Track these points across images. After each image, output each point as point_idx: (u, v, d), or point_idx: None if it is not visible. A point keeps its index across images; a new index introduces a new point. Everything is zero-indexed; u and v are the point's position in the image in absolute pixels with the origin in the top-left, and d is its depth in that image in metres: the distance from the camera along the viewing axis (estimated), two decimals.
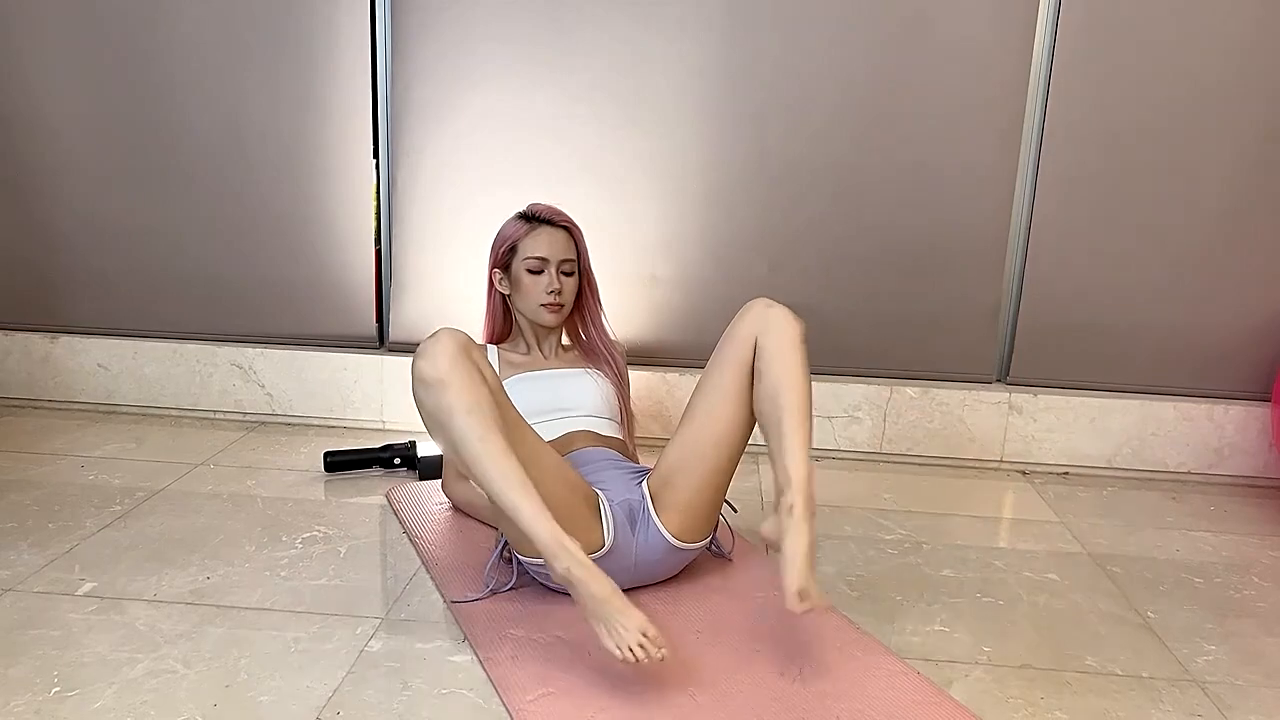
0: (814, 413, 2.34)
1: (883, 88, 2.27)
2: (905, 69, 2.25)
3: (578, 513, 1.49)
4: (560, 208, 1.91)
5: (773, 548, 1.43)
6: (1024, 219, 2.31)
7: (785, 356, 1.51)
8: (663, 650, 1.28)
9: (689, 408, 1.62)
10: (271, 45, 2.33)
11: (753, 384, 1.55)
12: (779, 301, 1.58)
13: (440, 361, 1.39)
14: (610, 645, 1.29)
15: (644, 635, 1.28)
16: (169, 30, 2.33)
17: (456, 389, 1.38)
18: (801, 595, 1.34)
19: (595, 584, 1.31)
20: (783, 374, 1.50)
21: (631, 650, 1.27)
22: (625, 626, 1.29)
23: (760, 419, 1.53)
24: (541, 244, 1.85)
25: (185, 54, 2.34)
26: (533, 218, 1.89)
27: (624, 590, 1.57)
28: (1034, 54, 2.23)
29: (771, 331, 1.53)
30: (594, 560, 1.48)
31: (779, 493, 1.44)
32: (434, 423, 1.41)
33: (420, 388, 1.40)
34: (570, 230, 1.90)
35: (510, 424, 1.45)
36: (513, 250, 1.87)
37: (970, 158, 2.28)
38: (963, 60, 2.24)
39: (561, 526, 1.47)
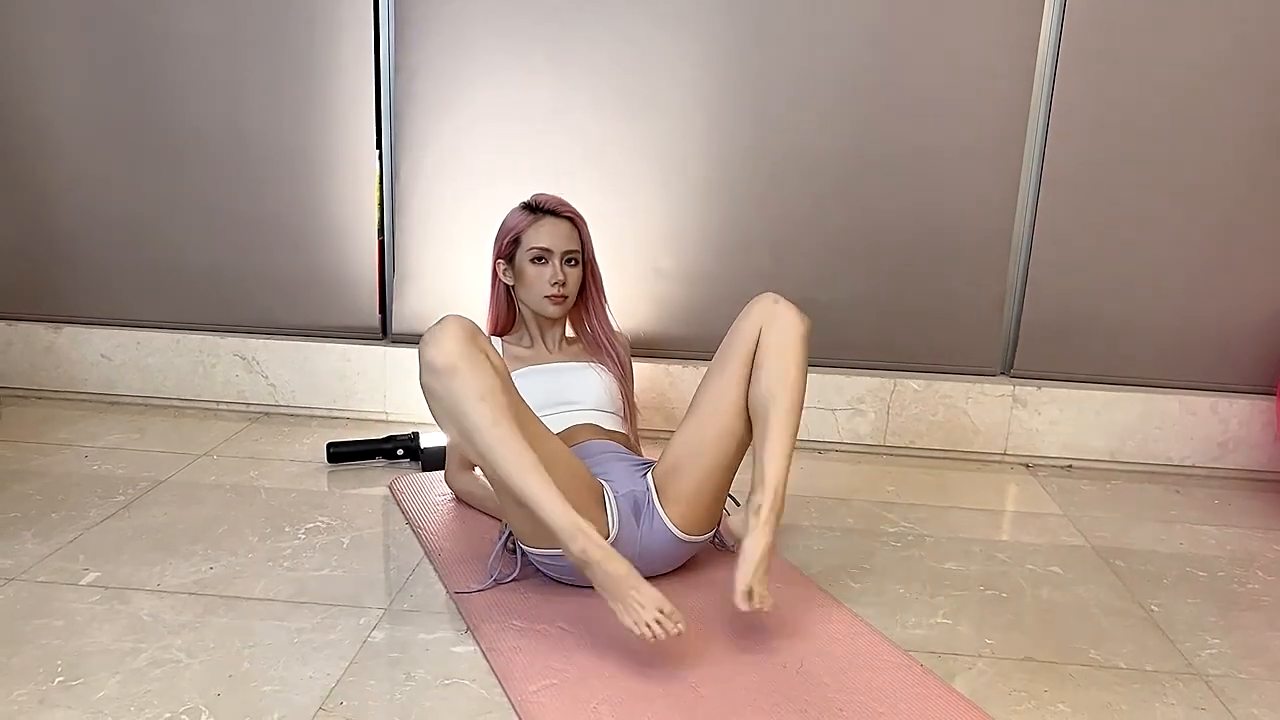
0: (817, 405, 2.35)
1: (887, 80, 2.26)
2: (910, 61, 2.24)
3: (583, 503, 1.49)
4: (565, 198, 1.91)
5: (735, 543, 1.45)
6: (1029, 212, 2.30)
7: (784, 353, 1.51)
8: (680, 625, 1.30)
9: (695, 400, 1.62)
10: (274, 38, 2.32)
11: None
12: (784, 295, 1.58)
13: (449, 347, 1.38)
14: (629, 623, 1.31)
15: (660, 611, 1.30)
16: (172, 23, 2.33)
17: (466, 375, 1.37)
18: (748, 595, 1.38)
19: (612, 564, 1.33)
20: (779, 371, 1.50)
21: (649, 626, 1.29)
22: (642, 604, 1.31)
23: (751, 412, 1.54)
24: (545, 235, 1.85)
25: (188, 46, 2.34)
26: (537, 208, 1.88)
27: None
28: (1039, 47, 2.22)
29: (775, 327, 1.53)
30: None
31: (752, 490, 1.46)
32: (443, 410, 1.40)
33: (429, 375, 1.39)
34: (574, 221, 1.89)
35: (517, 412, 1.44)
36: (516, 241, 1.87)
37: (975, 150, 2.27)
38: (967, 52, 2.23)
39: None
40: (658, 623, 1.30)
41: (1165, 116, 2.23)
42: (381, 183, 2.40)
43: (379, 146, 2.38)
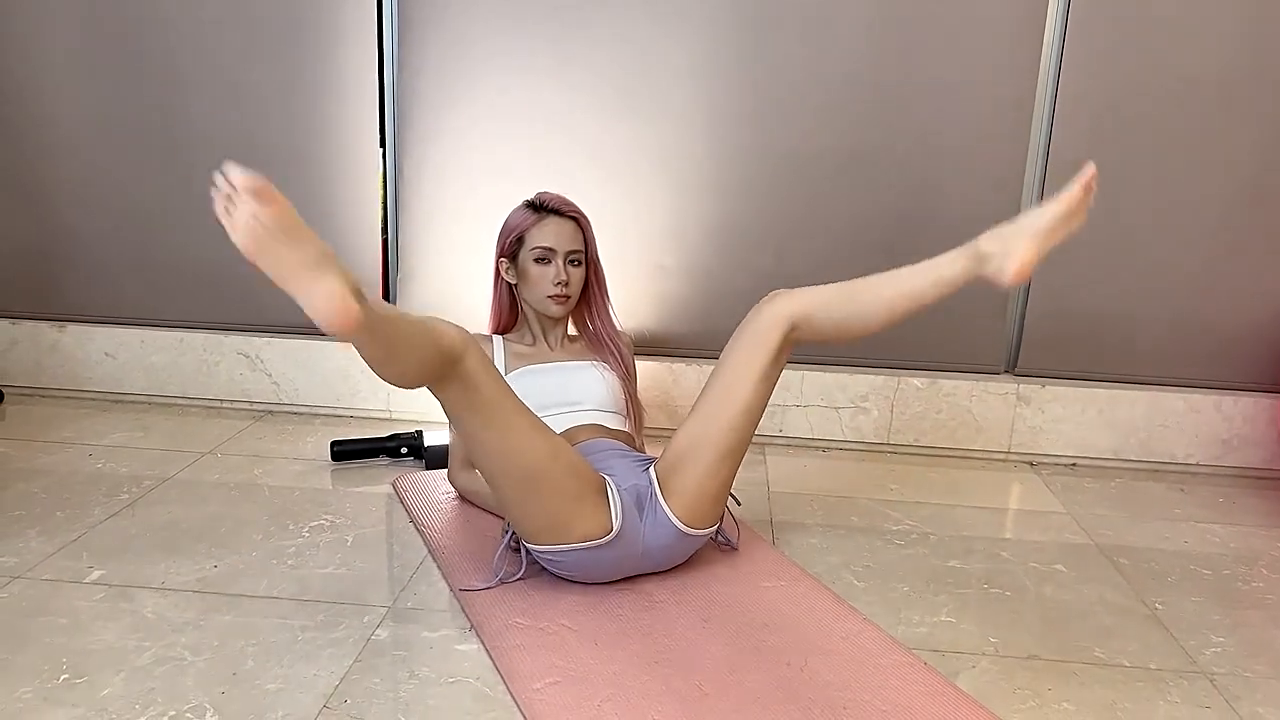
0: (821, 403, 2.35)
1: (890, 76, 2.25)
2: (914, 58, 2.24)
3: (585, 497, 1.49)
4: (568, 197, 1.91)
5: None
6: (1032, 207, 2.29)
7: (829, 287, 1.59)
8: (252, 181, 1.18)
9: (703, 393, 1.62)
10: (279, 35, 2.32)
11: (781, 368, 1.60)
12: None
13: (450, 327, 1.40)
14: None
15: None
16: (176, 20, 2.33)
17: (471, 340, 1.39)
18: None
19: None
20: (846, 287, 1.59)
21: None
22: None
23: (877, 313, 1.58)
24: (549, 234, 1.85)
25: (192, 43, 2.34)
26: (540, 207, 1.88)
27: (630, 578, 1.58)
28: (1044, 43, 2.22)
29: (799, 294, 1.59)
30: (601, 545, 1.49)
31: (977, 256, 1.54)
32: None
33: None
34: (578, 220, 1.89)
35: (514, 407, 1.45)
36: (520, 240, 1.87)
37: (978, 147, 2.27)
38: (972, 50, 2.23)
39: (569, 511, 1.47)
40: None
41: (1169, 115, 2.22)
42: (385, 181, 2.41)
43: (382, 145, 2.38)
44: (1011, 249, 1.48)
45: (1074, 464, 2.35)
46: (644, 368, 2.29)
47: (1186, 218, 2.27)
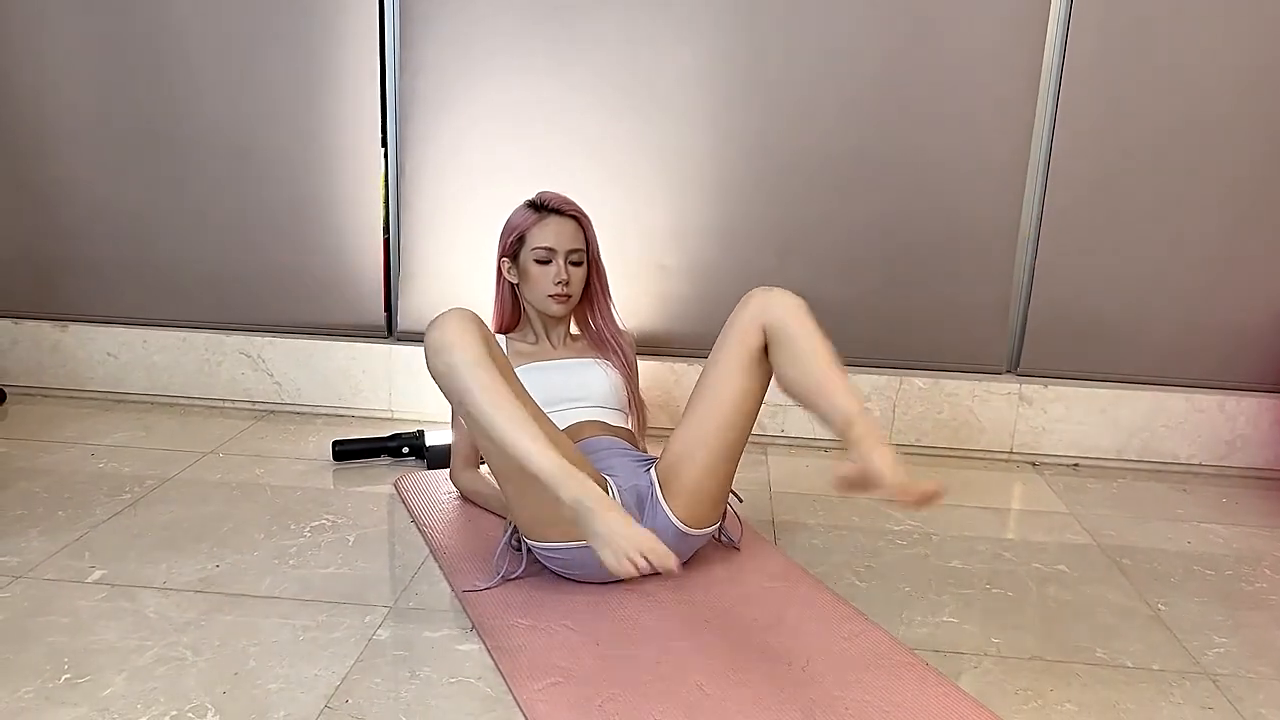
0: None
1: (894, 77, 2.25)
2: (917, 58, 2.24)
3: None
4: (569, 196, 1.91)
5: (855, 486, 1.38)
6: (1035, 209, 2.30)
7: (799, 326, 1.52)
8: (669, 562, 1.28)
9: (694, 395, 1.62)
10: (279, 35, 2.32)
11: (769, 366, 1.56)
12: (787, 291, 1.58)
13: (450, 325, 1.43)
14: (610, 559, 1.29)
15: (645, 547, 1.28)
16: (177, 20, 2.33)
17: (462, 346, 1.41)
18: (907, 488, 1.31)
19: (609, 510, 1.32)
20: (802, 341, 1.51)
21: (630, 558, 1.28)
22: (629, 537, 1.29)
23: (794, 389, 1.52)
24: (549, 234, 1.85)
25: (193, 43, 2.34)
26: (541, 207, 1.88)
27: (630, 579, 1.58)
28: (1047, 47, 2.22)
29: (776, 310, 1.54)
30: None
31: (844, 435, 1.41)
32: (446, 385, 1.44)
33: (432, 355, 1.43)
34: (579, 220, 1.89)
35: (522, 405, 1.45)
36: (521, 240, 1.87)
37: (982, 148, 2.27)
38: (975, 51, 2.22)
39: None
40: (642, 555, 1.27)
41: (1172, 115, 2.22)
42: (386, 180, 2.41)
43: (384, 144, 2.38)
44: (863, 455, 1.36)
45: (1076, 464, 2.35)
46: (645, 367, 2.29)
47: (1189, 218, 2.27)
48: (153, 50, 2.35)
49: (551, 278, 1.84)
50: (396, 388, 2.42)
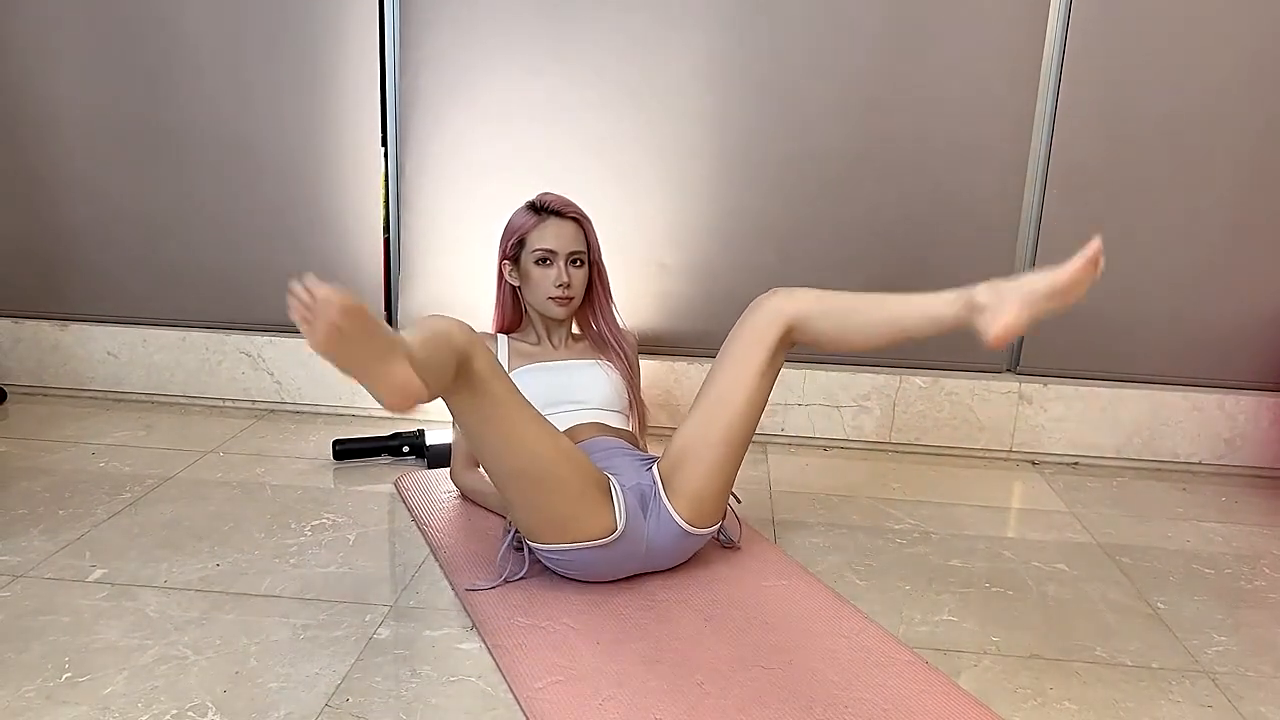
0: (823, 402, 2.35)
1: (893, 75, 2.25)
2: (915, 57, 2.24)
3: (589, 496, 1.49)
4: (570, 198, 1.91)
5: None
6: (1034, 208, 2.30)
7: (828, 297, 1.57)
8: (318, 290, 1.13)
9: (701, 393, 1.62)
10: (279, 34, 2.33)
11: (778, 367, 1.59)
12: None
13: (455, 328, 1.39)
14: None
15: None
16: (176, 19, 2.33)
17: (462, 326, 1.39)
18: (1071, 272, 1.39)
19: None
20: (843, 300, 1.56)
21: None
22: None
23: (869, 338, 1.55)
24: (550, 236, 1.85)
25: (193, 43, 2.34)
26: (542, 209, 1.88)
27: (633, 576, 1.59)
28: (1046, 45, 2.22)
29: (796, 301, 1.58)
30: (605, 545, 1.49)
31: (973, 314, 1.45)
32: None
33: None
34: (580, 222, 1.89)
35: (519, 406, 1.45)
36: (521, 242, 1.87)
37: (980, 146, 2.27)
38: (973, 50, 2.22)
39: (573, 510, 1.47)
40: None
41: (1172, 114, 2.22)
42: (386, 180, 2.41)
43: (384, 144, 2.38)
44: (1001, 308, 1.40)
45: (1076, 463, 2.35)
46: (646, 367, 2.29)
47: (1188, 216, 2.27)
48: (153, 50, 2.35)
49: (552, 280, 1.84)
50: None
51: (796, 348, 1.62)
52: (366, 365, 1.19)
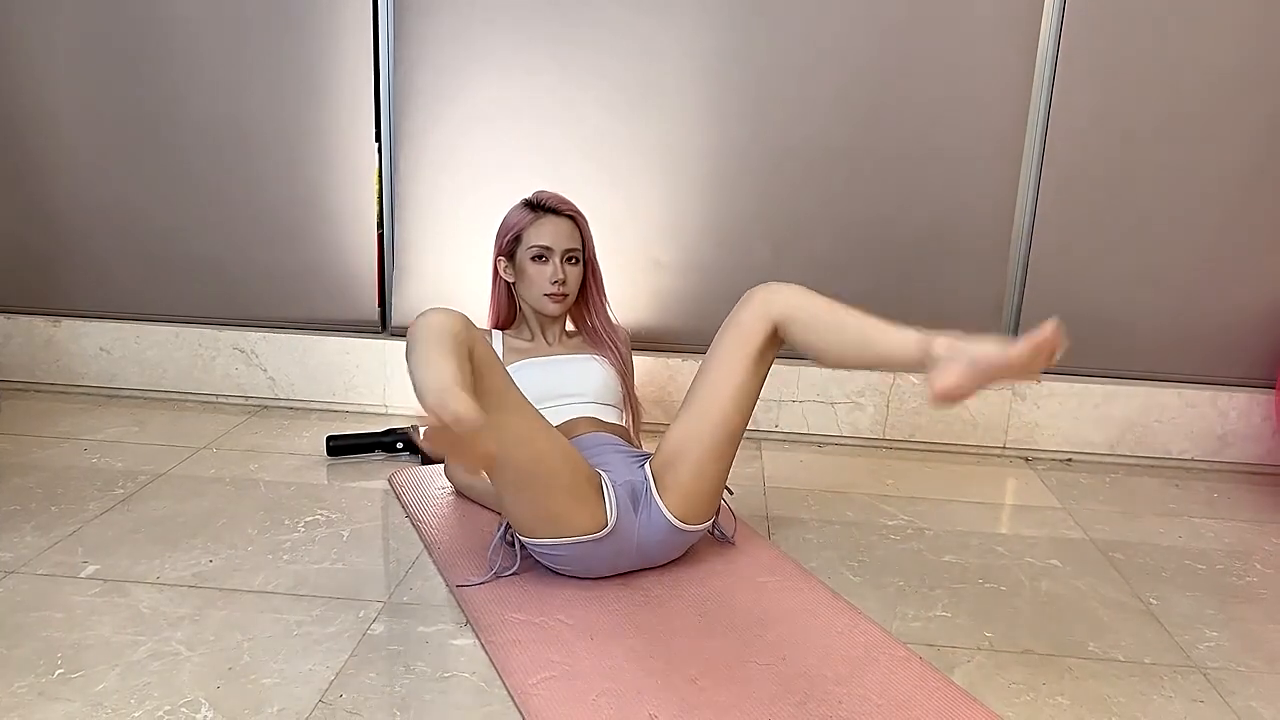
0: (817, 399, 2.35)
1: (887, 75, 2.25)
2: (910, 56, 2.24)
3: (581, 492, 1.49)
4: (565, 195, 1.91)
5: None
6: (1029, 205, 2.30)
7: (811, 303, 1.54)
8: (464, 410, 1.17)
9: (692, 390, 1.62)
10: (273, 29, 2.32)
11: (769, 363, 1.58)
12: None
13: (432, 317, 1.37)
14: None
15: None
16: (170, 14, 2.32)
17: (436, 312, 1.37)
18: (1028, 352, 1.35)
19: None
20: (823, 315, 1.53)
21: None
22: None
23: (841, 357, 1.53)
24: (546, 233, 1.85)
25: (186, 38, 2.33)
26: (538, 206, 1.88)
27: (625, 573, 1.59)
28: (1039, 44, 2.22)
29: (780, 300, 1.56)
30: (596, 540, 1.50)
31: (928, 362, 1.41)
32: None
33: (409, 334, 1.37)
34: (575, 219, 1.89)
35: (514, 400, 1.45)
36: (517, 239, 1.87)
37: (975, 144, 2.27)
38: (967, 49, 2.23)
39: (565, 505, 1.47)
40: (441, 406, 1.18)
41: (1165, 111, 2.22)
42: (381, 175, 2.40)
43: (378, 139, 2.37)
44: (950, 370, 1.35)
45: (1069, 459, 2.36)
46: (640, 363, 2.29)
47: (1183, 214, 2.27)
48: (145, 45, 2.34)
49: (548, 277, 1.84)
50: (391, 383, 2.41)
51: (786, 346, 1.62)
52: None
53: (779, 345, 1.60)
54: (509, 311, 1.97)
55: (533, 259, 1.85)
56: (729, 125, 2.31)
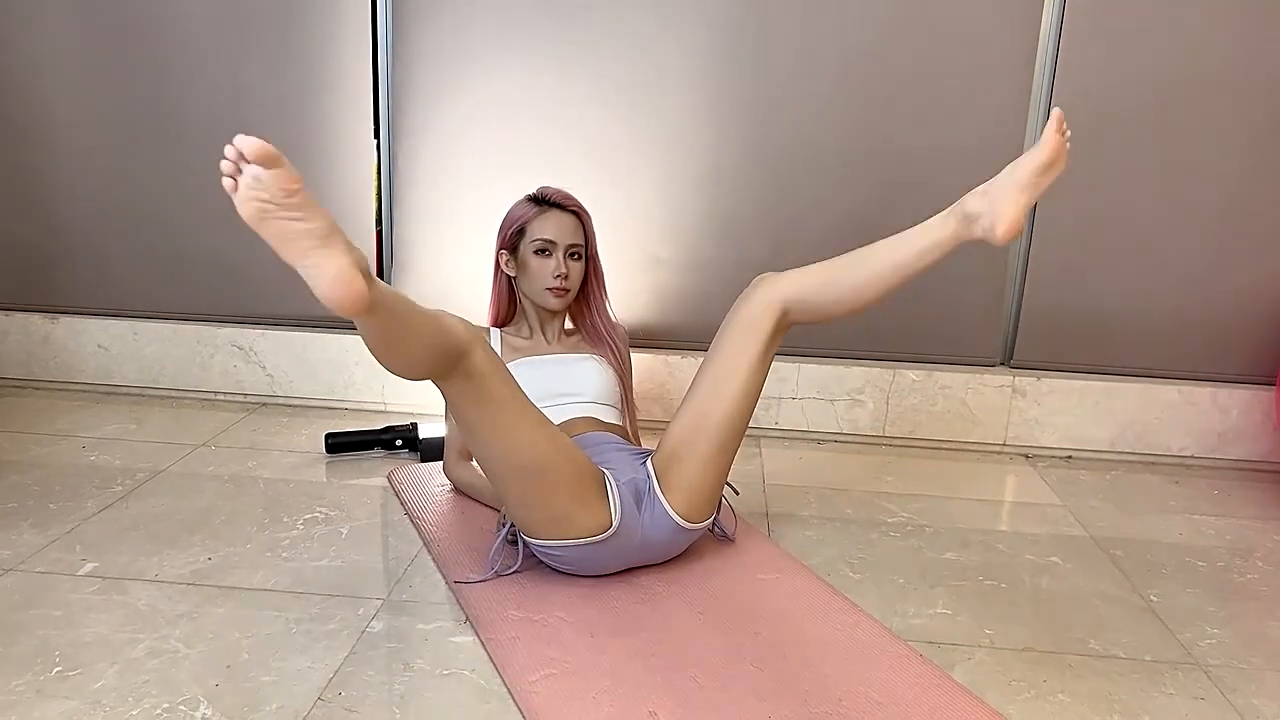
0: (816, 395, 2.35)
1: (886, 69, 2.25)
2: (909, 50, 2.23)
3: (584, 490, 1.49)
4: (569, 192, 1.91)
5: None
6: None
7: (814, 269, 1.58)
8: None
9: (694, 386, 1.62)
10: (272, 25, 2.31)
11: (770, 359, 1.59)
12: None
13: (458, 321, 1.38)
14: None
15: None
16: (170, 13, 2.31)
17: (464, 321, 1.37)
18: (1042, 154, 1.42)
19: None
20: (832, 268, 1.57)
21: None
22: None
23: (870, 289, 1.56)
24: (550, 227, 1.84)
25: (185, 33, 2.33)
26: (542, 200, 1.88)
27: (627, 570, 1.58)
28: (1039, 37, 2.21)
29: (785, 282, 1.58)
30: (601, 541, 1.49)
31: (967, 225, 1.49)
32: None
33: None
34: (579, 215, 1.89)
35: (517, 398, 1.44)
36: (521, 232, 1.86)
37: (974, 140, 2.26)
38: (967, 43, 2.22)
39: (570, 506, 1.47)
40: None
41: (1165, 109, 2.22)
42: (379, 173, 2.40)
43: (377, 135, 2.37)
44: (998, 205, 1.43)
45: (1069, 456, 2.35)
46: (640, 360, 2.29)
47: (1182, 211, 2.27)
48: (144, 42, 2.34)
49: (550, 271, 1.84)
50: (390, 381, 2.41)
51: (791, 335, 1.62)
52: (300, 244, 1.17)
53: (785, 333, 1.60)
54: (509, 306, 1.97)
55: (536, 253, 1.85)
56: (728, 122, 2.30)
